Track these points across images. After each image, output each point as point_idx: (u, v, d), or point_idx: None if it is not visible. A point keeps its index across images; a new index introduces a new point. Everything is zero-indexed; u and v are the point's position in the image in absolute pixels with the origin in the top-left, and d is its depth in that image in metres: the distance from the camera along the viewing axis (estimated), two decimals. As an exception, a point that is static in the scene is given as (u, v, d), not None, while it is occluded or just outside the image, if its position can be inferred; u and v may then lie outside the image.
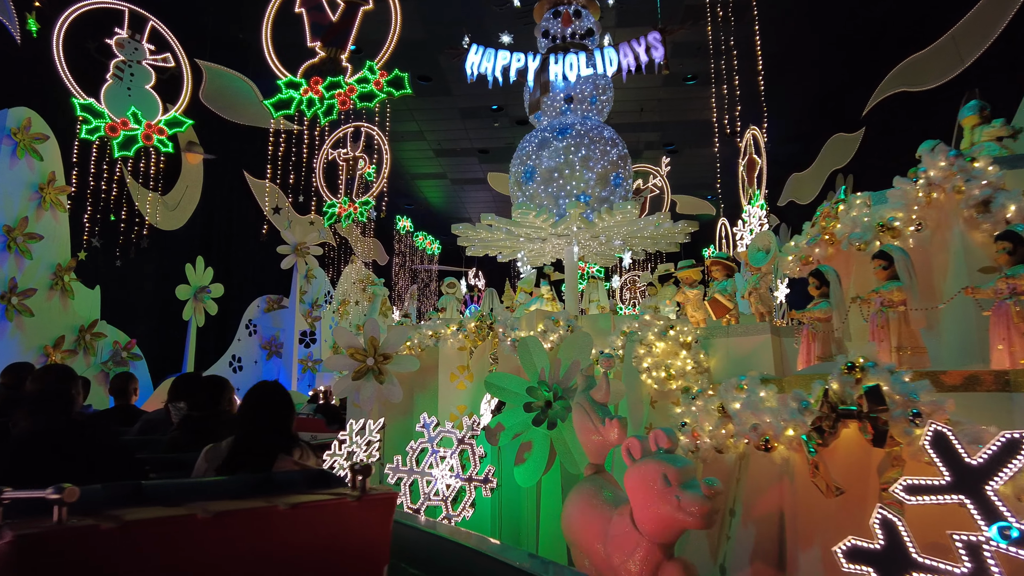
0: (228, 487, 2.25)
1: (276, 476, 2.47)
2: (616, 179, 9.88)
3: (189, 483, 2.39)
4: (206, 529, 1.87)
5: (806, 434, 3.33)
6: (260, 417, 2.99)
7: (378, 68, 8.48)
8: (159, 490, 2.08)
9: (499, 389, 5.83)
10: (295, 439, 3.04)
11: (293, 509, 2.06)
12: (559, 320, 6.81)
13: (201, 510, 1.88)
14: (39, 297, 8.89)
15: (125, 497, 1.97)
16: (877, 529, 2.45)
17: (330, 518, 2.19)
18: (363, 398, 7.62)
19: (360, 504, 2.27)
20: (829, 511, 3.39)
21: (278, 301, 15.13)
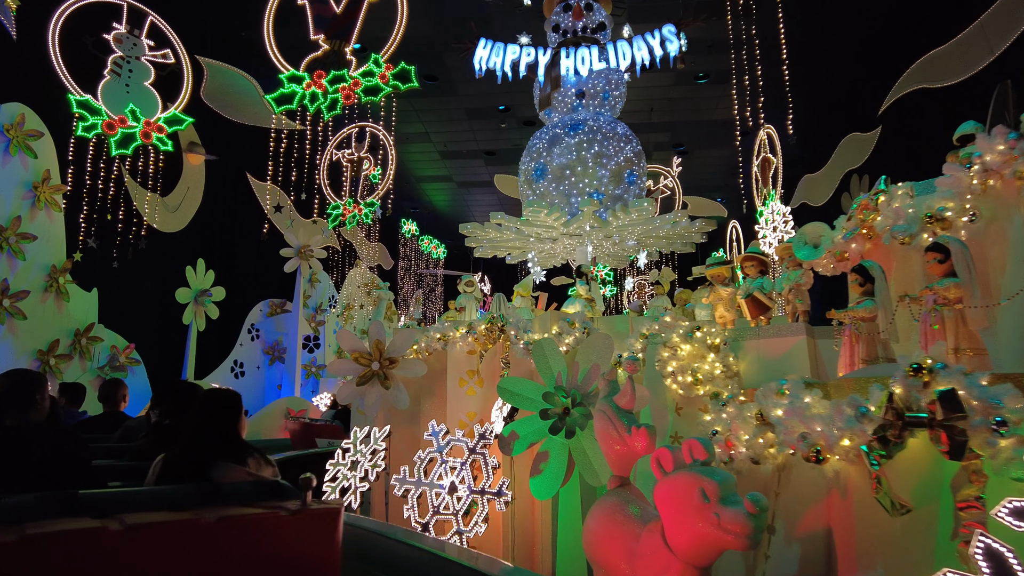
0: (168, 497, 2.13)
1: (223, 487, 2.34)
2: (630, 176, 9.54)
3: (127, 493, 2.28)
4: (117, 542, 1.78)
5: (867, 445, 2.96)
6: (200, 425, 2.89)
7: (384, 61, 8.17)
8: (95, 500, 1.99)
9: (512, 395, 5.47)
10: (247, 448, 2.91)
11: (219, 523, 1.95)
12: (575, 322, 6.45)
13: (118, 522, 1.79)
14: (32, 300, 8.58)
15: (58, 507, 1.90)
16: (981, 561, 2.08)
17: (261, 533, 2.08)
18: (367, 404, 7.26)
19: (296, 519, 2.13)
20: (892, 531, 3.01)
21: (281, 305, 14.80)
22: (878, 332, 4.09)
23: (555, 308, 8.02)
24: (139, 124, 9.51)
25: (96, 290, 9.84)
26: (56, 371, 8.80)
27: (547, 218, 8.63)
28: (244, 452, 2.86)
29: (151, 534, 1.85)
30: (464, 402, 7.16)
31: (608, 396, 4.54)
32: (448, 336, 7.17)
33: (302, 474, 2.37)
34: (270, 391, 14.31)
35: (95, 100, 9.27)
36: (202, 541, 1.94)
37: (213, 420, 2.91)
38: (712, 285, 6.64)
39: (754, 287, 6.06)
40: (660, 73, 15.52)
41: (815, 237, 5.52)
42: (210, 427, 2.89)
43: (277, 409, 12.94)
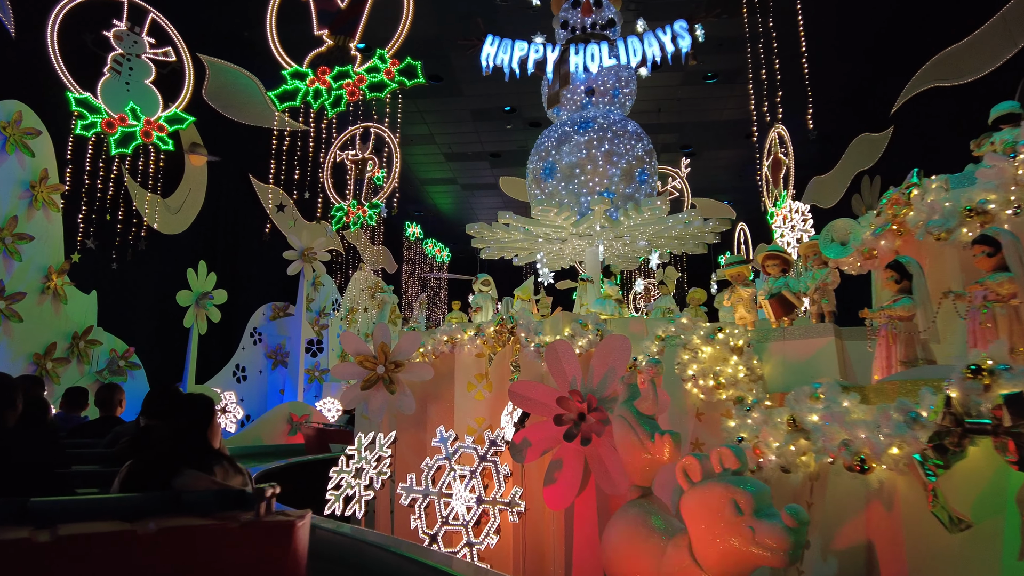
0: (116, 507, 2.01)
1: (185, 496, 2.22)
2: (642, 175, 9.30)
3: (77, 501, 2.17)
4: (42, 555, 1.69)
5: (920, 453, 2.70)
6: (167, 432, 2.81)
7: (389, 57, 7.96)
8: (43, 509, 1.89)
9: (524, 399, 5.22)
10: (216, 456, 2.79)
11: (159, 534, 1.85)
12: (587, 324, 6.20)
13: (48, 533, 1.71)
14: (29, 301, 8.37)
15: (5, 515, 1.82)
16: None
17: (206, 545, 1.96)
18: (372, 409, 7.02)
19: (247, 531, 2.00)
20: (949, 548, 2.75)
21: (284, 308, 14.59)
22: (917, 332, 3.83)
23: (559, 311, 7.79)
24: (139, 123, 9.32)
25: (95, 292, 9.63)
26: (53, 375, 8.58)
27: (556, 218, 8.39)
28: (212, 460, 2.73)
29: (77, 545, 1.76)
30: (472, 407, 6.91)
31: (628, 401, 4.29)
32: (456, 339, 6.93)
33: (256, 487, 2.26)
34: (272, 396, 14.09)
35: (94, 98, 9.09)
36: (138, 553, 1.85)
37: (180, 427, 2.78)
38: (731, 286, 6.40)
39: (778, 286, 5.82)
40: (668, 72, 15.29)
41: (843, 234, 5.26)
42: (177, 434, 2.77)
43: (279, 414, 12.71)
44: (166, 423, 2.88)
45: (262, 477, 8.10)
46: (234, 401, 12.75)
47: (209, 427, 2.88)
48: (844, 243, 5.31)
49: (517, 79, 13.44)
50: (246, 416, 13.45)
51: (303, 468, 8.26)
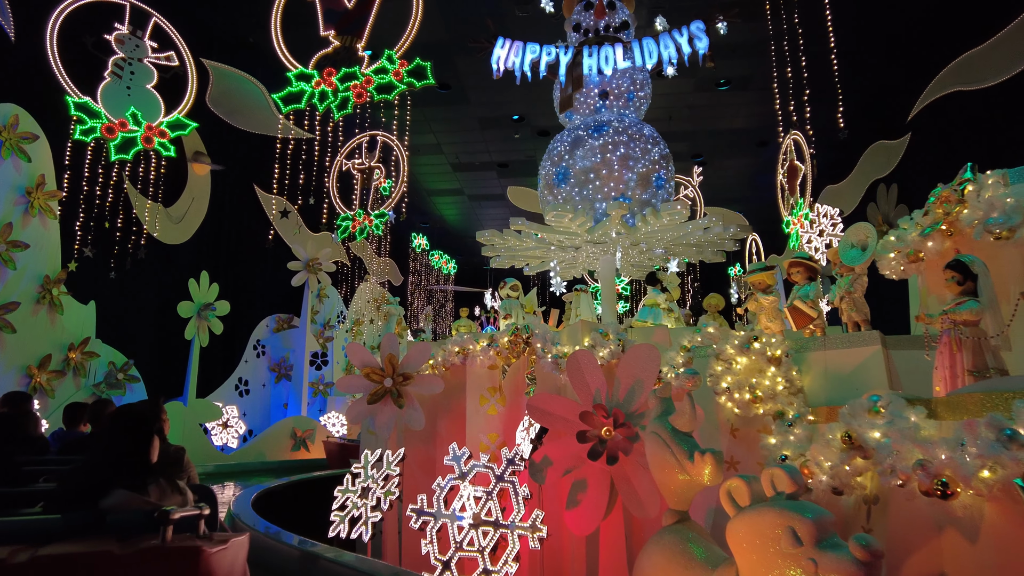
0: (40, 528, 1.90)
1: (111, 518, 2.06)
2: (658, 180, 8.96)
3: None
4: None
5: (1022, 477, 2.32)
6: (100, 448, 2.67)
7: (397, 57, 7.68)
8: None
9: (544, 414, 4.85)
10: (152, 473, 2.61)
11: (33, 561, 1.69)
12: (608, 333, 5.83)
13: None
14: (23, 311, 8.05)
15: None
16: None
17: (90, 574, 1.79)
18: (380, 424, 6.65)
19: (143, 556, 1.83)
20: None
21: (288, 320, 14.27)
22: (986, 338, 3.45)
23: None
24: (140, 128, 9.06)
25: (93, 303, 9.32)
26: (47, 388, 8.25)
27: (571, 223, 8.04)
28: (148, 478, 2.55)
29: None
30: (485, 422, 6.53)
31: (661, 416, 3.92)
32: (468, 349, 6.56)
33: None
34: (276, 410, 13.72)
35: (94, 102, 8.84)
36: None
37: (114, 442, 2.61)
38: (753, 293, 6.05)
39: (799, 295, 5.47)
40: (680, 79, 15.03)
41: (861, 239, 4.92)
42: (110, 450, 2.60)
43: (283, 429, 12.36)
44: (101, 439, 2.76)
45: (263, 496, 7.73)
46: (236, 415, 12.40)
47: (148, 443, 2.66)
48: (863, 248, 4.97)
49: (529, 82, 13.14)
50: (248, 431, 13.09)
51: (309, 486, 7.89)
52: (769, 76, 15.66)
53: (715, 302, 8.41)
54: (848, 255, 5.07)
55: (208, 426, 11.77)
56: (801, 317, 5.10)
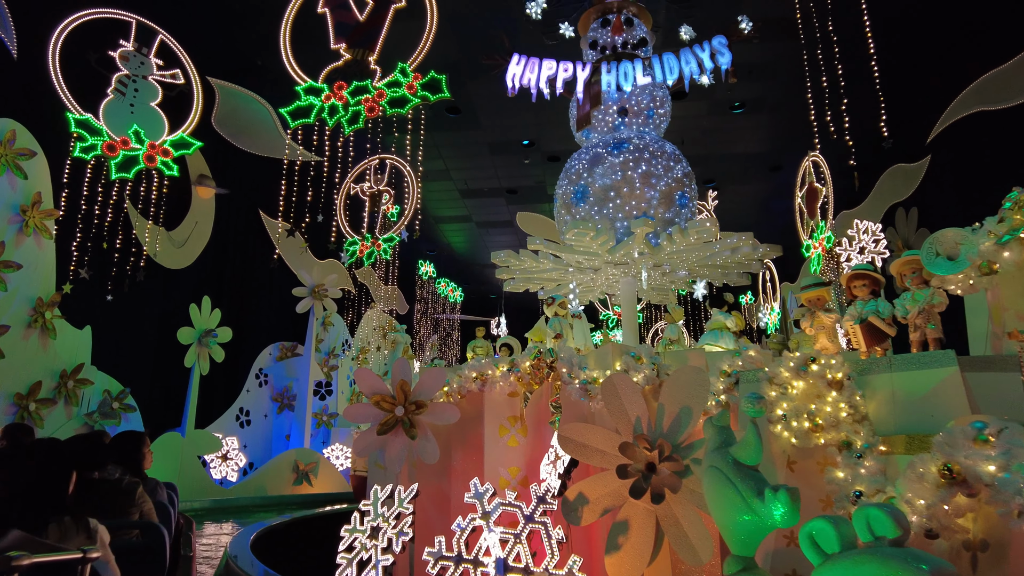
0: None
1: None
2: (682, 199, 8.58)
3: None
4: None
5: None
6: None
7: (411, 70, 7.38)
8: None
9: (578, 446, 4.35)
10: (59, 510, 2.44)
11: None
12: (641, 356, 5.36)
13: None
14: (13, 335, 7.61)
15: None
16: None
17: None
18: (390, 457, 6.14)
19: None
20: None
21: (292, 348, 13.79)
22: (1101, 357, 2.97)
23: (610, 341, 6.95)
24: (143, 146, 8.75)
25: (89, 328, 8.88)
26: (36, 418, 7.76)
27: (592, 243, 7.62)
28: (50, 516, 2.38)
29: None
30: (505, 454, 6.01)
31: (721, 448, 3.44)
32: (487, 375, 6.08)
33: None
34: (278, 442, 13.16)
35: (96, 119, 8.54)
36: None
37: (19, 475, 2.44)
38: (811, 312, 5.58)
39: (867, 311, 4.99)
40: (694, 102, 14.80)
41: (952, 247, 4.44)
42: (13, 483, 2.42)
43: (285, 462, 11.79)
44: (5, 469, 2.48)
45: (264, 536, 7.17)
46: (236, 447, 11.85)
47: (60, 478, 2.47)
48: (953, 257, 4.50)
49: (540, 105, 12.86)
50: (249, 464, 12.51)
51: (314, 525, 7.33)
52: (784, 97, 15.47)
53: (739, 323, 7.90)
54: (937, 265, 4.58)
55: (207, 458, 11.22)
56: (874, 336, 4.60)
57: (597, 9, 9.87)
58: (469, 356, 7.08)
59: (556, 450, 5.29)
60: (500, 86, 14.33)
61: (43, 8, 8.27)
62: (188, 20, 10.03)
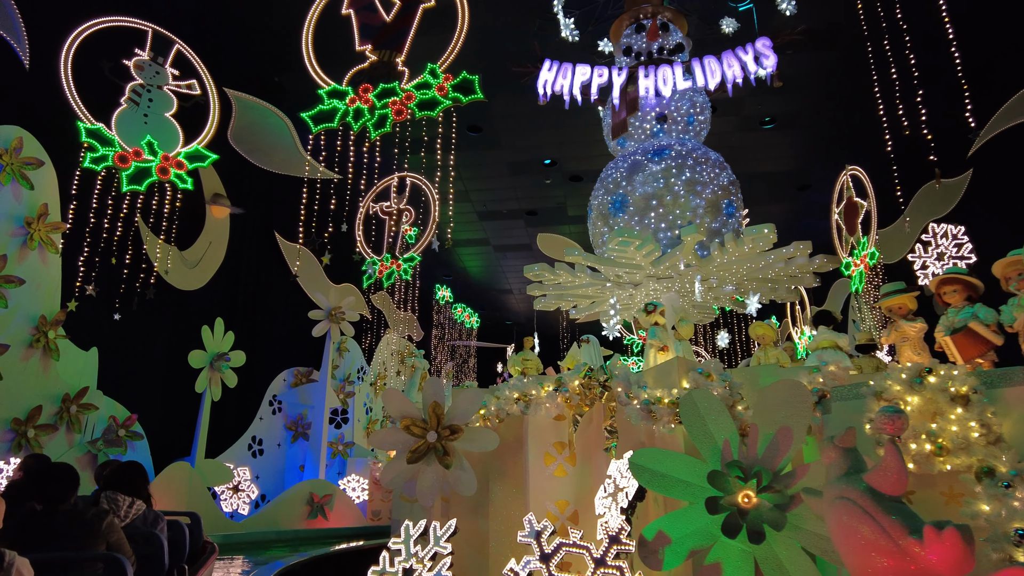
0: None
1: None
2: (728, 208, 8.02)
3: None
4: None
5: None
6: None
7: (441, 71, 6.93)
8: None
9: (655, 475, 3.70)
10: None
11: None
12: (711, 373, 4.73)
13: None
14: (12, 356, 7.08)
15: None
16: None
17: None
18: (423, 489, 5.49)
19: None
20: None
21: (307, 374, 13.19)
22: None
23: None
24: (156, 158, 8.33)
25: (95, 349, 8.35)
26: (35, 445, 7.18)
27: (636, 253, 7.04)
28: None
29: None
30: (551, 486, 5.35)
31: (851, 475, 2.79)
32: (530, 396, 5.45)
33: None
34: (291, 472, 12.48)
35: (108, 129, 8.14)
36: None
37: None
38: (892, 322, 4.96)
39: (962, 318, 4.36)
40: (723, 117, 14.31)
41: None
42: None
43: (299, 494, 11.10)
44: None
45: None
46: (248, 478, 11.17)
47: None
48: None
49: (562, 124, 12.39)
50: (261, 496, 11.82)
51: (335, 564, 6.65)
52: (816, 111, 15.00)
53: (766, 333, 7.21)
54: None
55: (217, 490, 10.56)
56: (974, 345, 3.98)
57: (630, 15, 9.46)
58: (515, 372, 6.40)
59: (615, 481, 4.63)
60: (523, 103, 13.93)
61: (56, 15, 7.95)
62: (204, 35, 9.71)
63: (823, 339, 5.37)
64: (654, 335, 6.09)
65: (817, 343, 5.40)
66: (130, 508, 3.79)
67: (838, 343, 5.29)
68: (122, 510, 3.74)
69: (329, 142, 9.13)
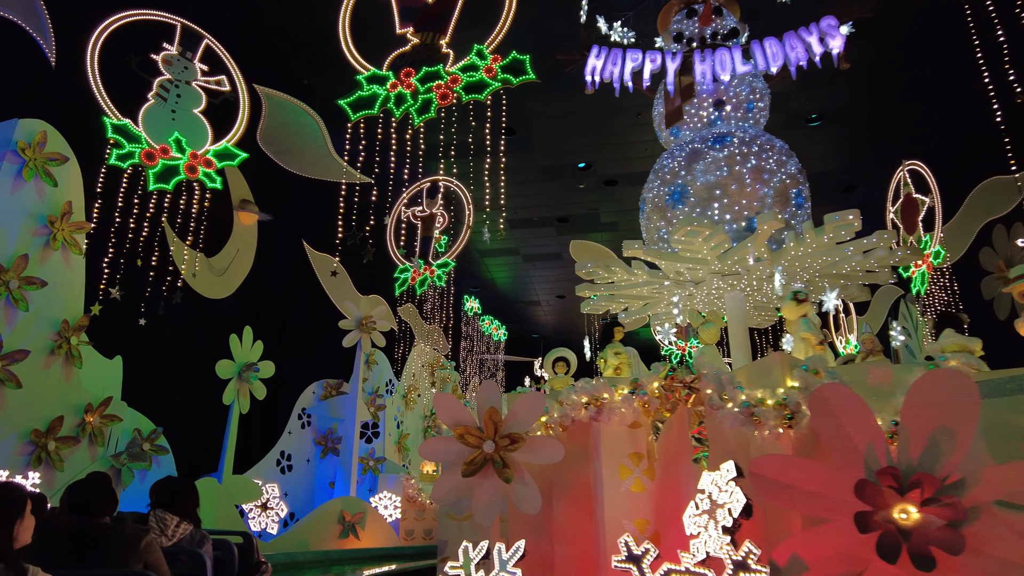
0: None
1: None
2: (798, 198, 7.39)
3: None
4: None
5: None
6: None
7: (489, 52, 6.45)
8: None
9: (782, 488, 3.04)
10: None
11: None
12: (818, 370, 4.09)
13: None
14: (32, 363, 6.63)
15: None
16: None
17: None
18: (479, 506, 4.88)
19: None
20: None
21: (337, 386, 12.68)
22: None
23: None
24: (184, 156, 7.92)
25: (120, 358, 7.89)
26: (55, 459, 6.70)
27: (703, 244, 6.41)
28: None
29: None
30: (627, 503, 4.71)
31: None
32: (602, 400, 4.84)
33: None
34: (321, 490, 11.93)
35: (134, 125, 7.76)
36: None
37: None
38: None
39: None
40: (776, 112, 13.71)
41: None
42: None
43: (330, 512, 10.52)
44: None
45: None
46: (277, 496, 10.64)
47: None
48: None
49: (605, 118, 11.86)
50: (290, 514, 11.26)
51: None
52: (864, 108, 14.32)
53: (873, 343, 6.61)
54: None
55: (245, 508, 10.02)
56: None
57: (680, 0, 8.95)
58: (609, 367, 5.65)
59: (712, 496, 3.99)
60: (558, 103, 13.42)
61: (84, 8, 7.63)
62: (232, 34, 9.36)
63: (951, 343, 4.70)
64: (807, 327, 5.43)
65: (942, 347, 4.73)
66: (177, 528, 3.76)
67: (969, 347, 4.62)
68: (169, 529, 3.72)
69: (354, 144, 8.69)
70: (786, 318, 5.75)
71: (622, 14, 9.43)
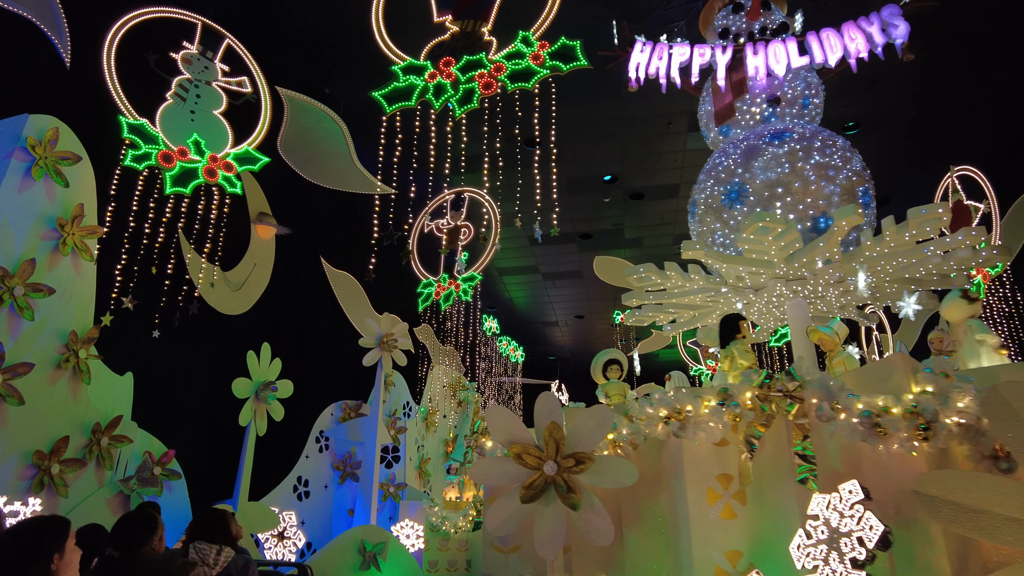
0: None
1: None
2: (865, 196, 6.83)
3: None
4: None
5: None
6: None
7: (535, 39, 5.98)
8: None
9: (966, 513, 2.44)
10: None
11: None
12: (948, 373, 3.48)
13: None
14: (37, 377, 6.06)
15: None
16: None
17: None
18: (542, 537, 4.25)
19: None
20: None
21: (356, 408, 12.06)
22: None
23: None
24: (203, 159, 7.46)
25: (131, 374, 7.33)
26: (58, 483, 6.10)
27: (775, 243, 5.84)
28: None
29: None
30: (716, 532, 4.07)
31: None
32: (684, 412, 4.22)
33: None
34: (340, 518, 11.23)
35: (151, 126, 7.31)
36: None
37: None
38: None
39: None
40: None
41: None
42: None
43: (349, 542, 9.80)
44: None
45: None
46: (295, 524, 9.96)
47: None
48: None
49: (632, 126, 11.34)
50: (307, 544, 10.57)
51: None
52: (901, 114, 13.83)
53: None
54: None
55: (260, 537, 9.35)
56: None
57: (724, -5, 8.51)
58: (738, 369, 4.88)
59: (830, 521, 3.35)
60: (584, 112, 12.96)
61: (100, 4, 7.24)
62: (254, 35, 8.97)
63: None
64: (982, 328, 4.83)
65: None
66: (219, 556, 3.67)
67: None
68: (210, 558, 3.64)
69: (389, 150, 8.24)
70: (951, 320, 5.13)
71: (674, 26, 9.02)
